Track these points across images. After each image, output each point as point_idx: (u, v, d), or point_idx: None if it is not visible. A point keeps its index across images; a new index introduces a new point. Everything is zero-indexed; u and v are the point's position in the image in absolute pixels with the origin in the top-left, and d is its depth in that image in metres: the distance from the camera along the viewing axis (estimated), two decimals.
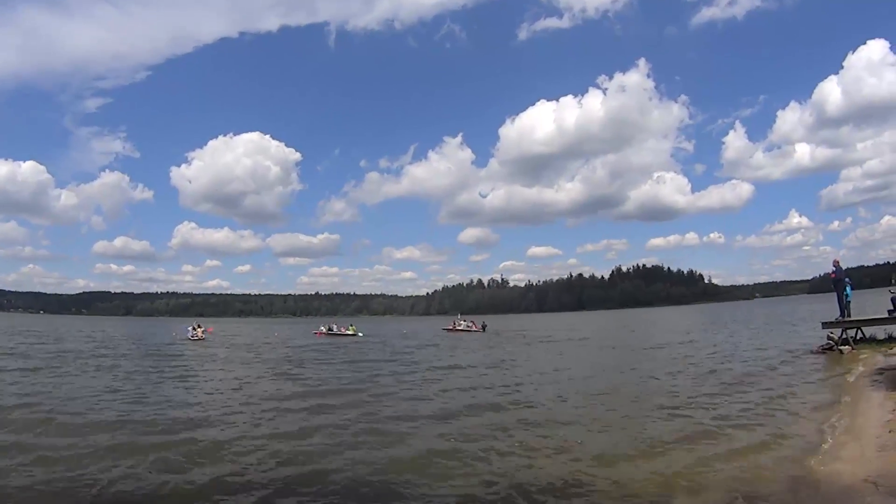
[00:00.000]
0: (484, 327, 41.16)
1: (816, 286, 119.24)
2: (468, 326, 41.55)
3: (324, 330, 38.89)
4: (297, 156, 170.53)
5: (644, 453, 6.55)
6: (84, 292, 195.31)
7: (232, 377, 14.81)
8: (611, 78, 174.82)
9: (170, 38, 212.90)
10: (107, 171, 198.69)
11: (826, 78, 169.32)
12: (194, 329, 33.94)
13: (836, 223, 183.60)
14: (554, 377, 13.66)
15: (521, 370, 15.31)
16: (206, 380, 14.37)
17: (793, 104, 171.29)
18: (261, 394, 11.68)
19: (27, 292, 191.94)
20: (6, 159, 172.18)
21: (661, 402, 9.57)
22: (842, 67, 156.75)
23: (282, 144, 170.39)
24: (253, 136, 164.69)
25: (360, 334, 36.49)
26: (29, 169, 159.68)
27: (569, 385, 12.20)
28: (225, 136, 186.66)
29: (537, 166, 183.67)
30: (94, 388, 12.16)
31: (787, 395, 9.80)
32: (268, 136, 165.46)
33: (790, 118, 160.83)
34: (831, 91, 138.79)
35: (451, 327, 41.92)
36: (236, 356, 21.88)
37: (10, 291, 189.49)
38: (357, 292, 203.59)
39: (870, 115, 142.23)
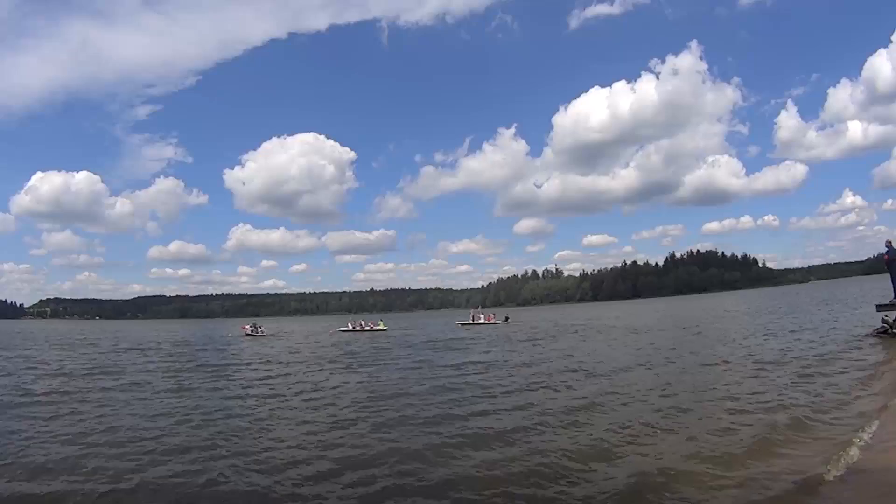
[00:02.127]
0: (506, 319, 41.51)
1: (871, 267, 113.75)
2: (487, 319, 41.33)
3: (350, 327, 39.34)
4: (351, 154, 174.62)
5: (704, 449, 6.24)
6: (139, 297, 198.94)
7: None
8: (663, 61, 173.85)
9: (218, 42, 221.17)
10: (161, 177, 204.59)
11: (875, 52, 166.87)
12: (253, 327, 38.20)
13: (889, 201, 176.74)
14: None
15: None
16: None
17: (844, 81, 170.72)
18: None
19: (82, 299, 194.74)
20: (60, 170, 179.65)
21: (718, 395, 9.29)
22: (891, 42, 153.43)
23: (336, 144, 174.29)
24: (307, 137, 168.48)
25: (387, 328, 38.33)
26: (83, 179, 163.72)
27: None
28: (279, 137, 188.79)
29: (592, 154, 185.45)
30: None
31: (841, 381, 9.49)
32: (322, 137, 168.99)
33: (841, 95, 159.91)
34: (881, 66, 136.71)
35: (469, 321, 41.20)
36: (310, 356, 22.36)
37: (66, 299, 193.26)
38: (412, 287, 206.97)
39: None
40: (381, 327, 39.24)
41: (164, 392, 12.13)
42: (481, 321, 41.16)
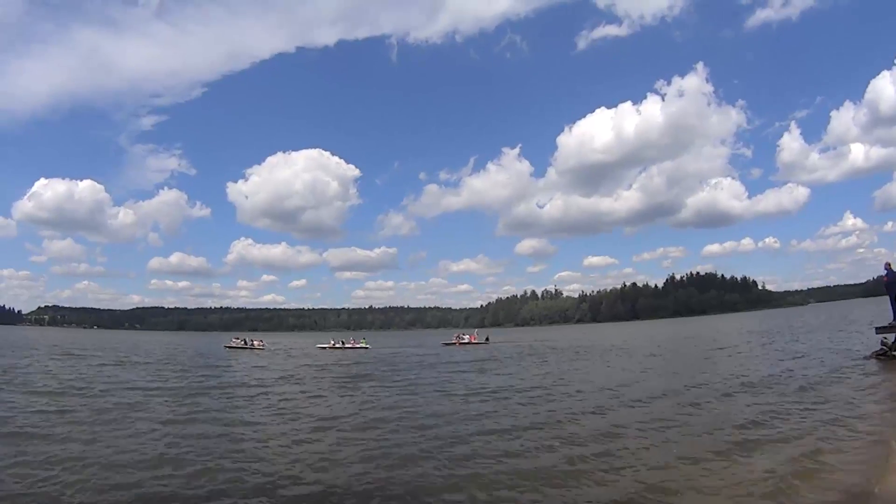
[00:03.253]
0: (487, 339, 44.67)
1: (870, 289, 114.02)
2: (471, 339, 43.78)
3: (332, 343, 40.57)
4: (356, 172, 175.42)
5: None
6: (138, 308, 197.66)
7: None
8: (669, 83, 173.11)
9: (225, 54, 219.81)
10: (164, 188, 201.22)
11: (878, 74, 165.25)
12: (246, 340, 41.56)
13: (890, 224, 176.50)
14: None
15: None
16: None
17: (847, 104, 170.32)
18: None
19: (81, 308, 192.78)
20: (64, 178, 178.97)
21: (709, 418, 9.27)
22: (894, 64, 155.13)
23: (341, 161, 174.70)
24: (312, 153, 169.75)
25: (368, 347, 39.40)
26: (87, 187, 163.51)
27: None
28: (283, 152, 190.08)
29: (595, 175, 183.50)
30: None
31: (840, 405, 9.30)
32: (327, 153, 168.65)
33: (844, 118, 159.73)
34: (884, 88, 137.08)
35: (454, 341, 43.39)
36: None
37: (64, 307, 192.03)
38: (411, 305, 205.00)
39: None
40: (362, 345, 40.15)
41: (169, 413, 11.62)
42: (465, 341, 43.06)
